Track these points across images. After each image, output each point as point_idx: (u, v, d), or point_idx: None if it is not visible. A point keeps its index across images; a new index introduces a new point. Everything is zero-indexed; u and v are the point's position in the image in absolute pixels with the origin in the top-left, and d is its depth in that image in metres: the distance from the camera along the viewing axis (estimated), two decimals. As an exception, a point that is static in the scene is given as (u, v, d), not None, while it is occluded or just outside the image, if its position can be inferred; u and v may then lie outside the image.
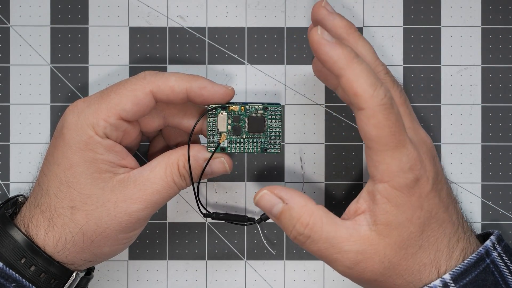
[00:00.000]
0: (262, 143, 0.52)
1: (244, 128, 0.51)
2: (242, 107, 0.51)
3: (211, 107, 0.51)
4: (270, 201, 0.49)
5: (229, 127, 0.51)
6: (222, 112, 0.51)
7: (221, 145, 0.51)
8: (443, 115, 0.59)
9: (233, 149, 0.51)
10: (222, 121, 0.51)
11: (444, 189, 0.49)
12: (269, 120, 0.51)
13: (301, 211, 0.48)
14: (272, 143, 0.52)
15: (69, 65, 0.59)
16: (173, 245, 0.59)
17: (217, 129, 0.51)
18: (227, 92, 0.50)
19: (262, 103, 0.51)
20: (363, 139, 0.47)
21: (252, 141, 0.52)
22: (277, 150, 0.52)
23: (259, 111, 0.51)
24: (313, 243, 0.47)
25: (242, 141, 0.52)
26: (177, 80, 0.49)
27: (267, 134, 0.51)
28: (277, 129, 0.51)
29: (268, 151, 0.52)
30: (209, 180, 0.59)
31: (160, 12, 0.59)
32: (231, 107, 0.51)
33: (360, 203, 0.48)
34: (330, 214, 0.48)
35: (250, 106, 0.51)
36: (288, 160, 0.59)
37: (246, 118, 0.51)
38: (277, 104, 0.51)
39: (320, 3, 0.51)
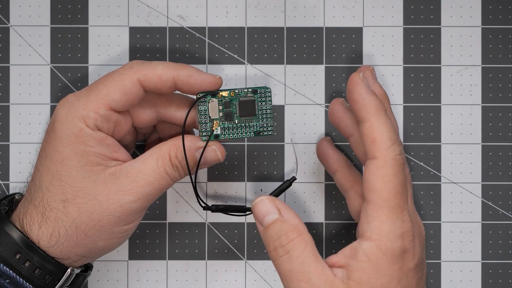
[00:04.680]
0: (255, 127, 0.52)
1: (236, 113, 0.51)
2: (232, 92, 0.51)
3: (200, 95, 0.51)
4: (268, 208, 0.48)
5: (221, 114, 0.51)
6: (212, 99, 0.51)
7: (214, 133, 0.51)
8: (443, 115, 0.59)
9: (227, 135, 0.51)
10: (213, 108, 0.51)
11: (423, 278, 0.48)
12: (260, 103, 0.51)
13: (293, 227, 0.47)
14: (265, 126, 0.52)
15: (69, 65, 0.59)
16: (173, 245, 0.59)
17: (209, 117, 0.51)
18: (214, 80, 0.51)
19: (251, 87, 0.51)
20: (365, 191, 0.46)
21: (245, 125, 0.52)
22: (270, 132, 0.52)
23: (248, 95, 0.51)
24: (288, 260, 0.46)
25: (235, 126, 0.52)
26: (164, 68, 0.50)
27: (259, 117, 0.51)
28: (268, 111, 0.51)
29: (261, 134, 0.52)
30: (209, 179, 0.59)
31: (160, 12, 0.59)
32: (220, 93, 0.51)
33: (339, 257, 0.47)
34: (315, 248, 0.47)
35: (240, 91, 0.51)
36: (288, 160, 0.59)
37: (237, 103, 0.51)
38: (265, 87, 0.51)
39: (365, 69, 0.50)
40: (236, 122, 0.51)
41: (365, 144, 0.47)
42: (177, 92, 0.51)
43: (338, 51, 0.59)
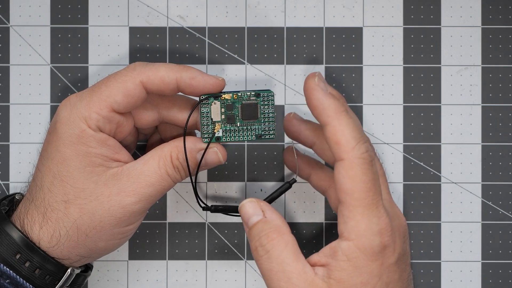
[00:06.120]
0: (257, 130, 0.52)
1: (238, 116, 0.51)
2: (235, 95, 0.51)
3: (203, 97, 0.51)
4: (252, 210, 0.49)
5: (223, 116, 0.51)
6: (214, 101, 0.51)
7: (216, 135, 0.51)
8: (443, 115, 0.59)
9: (228, 138, 0.51)
10: (215, 110, 0.51)
11: (407, 271, 0.49)
12: (262, 106, 0.51)
13: (274, 228, 0.48)
14: (266, 129, 0.52)
15: (69, 65, 0.59)
16: (173, 245, 0.59)
17: (211, 119, 0.51)
18: (217, 82, 0.50)
19: (254, 90, 0.51)
20: (338, 193, 0.47)
21: (247, 128, 0.52)
22: (272, 136, 0.52)
23: (251, 98, 0.51)
24: (268, 260, 0.47)
25: (236, 129, 0.52)
26: (167, 70, 0.50)
27: (261, 120, 0.51)
28: (270, 115, 0.51)
29: (263, 137, 0.52)
30: (209, 180, 0.59)
31: (160, 12, 0.59)
32: (223, 96, 0.51)
33: (320, 256, 0.47)
34: (297, 247, 0.48)
35: (243, 94, 0.51)
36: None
37: (239, 106, 0.51)
38: (269, 90, 0.51)
39: (313, 76, 0.49)
40: (238, 125, 0.51)
41: (331, 147, 0.47)
42: (180, 93, 0.51)
43: (338, 51, 0.59)
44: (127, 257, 0.59)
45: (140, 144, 0.58)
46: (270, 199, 0.53)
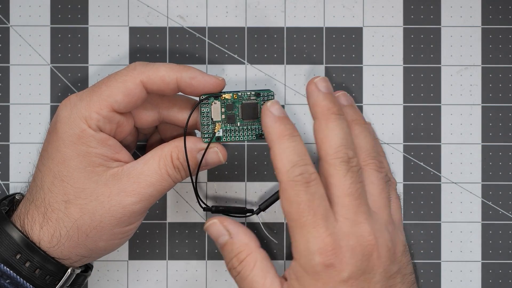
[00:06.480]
0: (257, 130, 0.52)
1: (238, 115, 0.51)
2: (235, 95, 0.51)
3: (203, 97, 0.51)
4: (218, 231, 0.51)
5: (223, 116, 0.51)
6: (215, 101, 0.51)
7: (216, 135, 0.51)
8: (443, 115, 0.59)
9: (228, 137, 0.52)
10: (216, 110, 0.51)
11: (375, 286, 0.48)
12: (262, 106, 0.51)
13: (242, 248, 0.49)
14: None
15: (69, 65, 0.59)
16: (173, 245, 0.59)
17: (212, 119, 0.51)
18: (217, 82, 0.51)
19: (254, 90, 0.51)
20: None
21: (247, 128, 0.52)
22: None
23: (251, 98, 0.51)
24: (241, 280, 0.49)
25: (237, 129, 0.52)
26: (167, 70, 0.50)
27: (261, 120, 0.52)
28: None
29: (263, 137, 0.52)
30: (209, 180, 0.59)
31: (160, 12, 0.59)
32: (223, 96, 0.51)
33: (287, 271, 0.49)
34: (267, 262, 0.49)
35: (243, 93, 0.51)
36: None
37: (240, 105, 0.51)
38: (269, 90, 0.51)
39: (313, 79, 0.50)
40: (238, 124, 0.52)
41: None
42: (180, 93, 0.51)
43: (338, 51, 0.59)
44: (127, 257, 0.59)
45: (140, 144, 0.58)
46: (270, 202, 0.53)
